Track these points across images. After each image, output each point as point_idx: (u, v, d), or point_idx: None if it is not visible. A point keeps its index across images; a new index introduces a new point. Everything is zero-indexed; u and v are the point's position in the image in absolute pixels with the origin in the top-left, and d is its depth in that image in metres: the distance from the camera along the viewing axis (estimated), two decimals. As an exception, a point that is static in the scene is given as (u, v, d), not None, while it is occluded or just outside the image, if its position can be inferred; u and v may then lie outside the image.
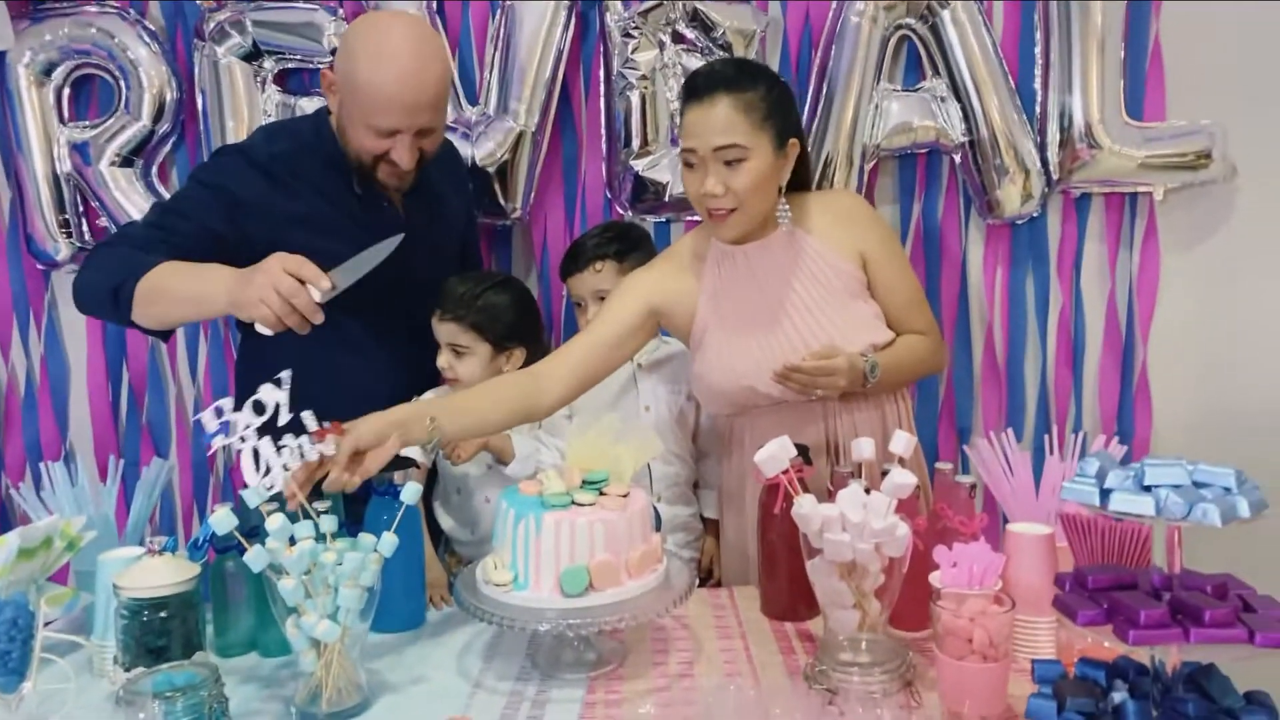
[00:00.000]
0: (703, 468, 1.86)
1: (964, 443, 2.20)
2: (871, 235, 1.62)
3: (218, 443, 1.16)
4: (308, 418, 1.23)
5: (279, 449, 1.19)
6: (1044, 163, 2.06)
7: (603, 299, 1.75)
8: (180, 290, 1.48)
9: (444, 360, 1.67)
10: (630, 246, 1.79)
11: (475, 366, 1.68)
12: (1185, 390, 2.18)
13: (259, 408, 1.19)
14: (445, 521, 1.74)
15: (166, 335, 1.70)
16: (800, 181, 1.62)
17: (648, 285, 1.64)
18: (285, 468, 1.18)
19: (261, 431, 1.18)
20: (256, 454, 1.17)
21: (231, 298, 1.40)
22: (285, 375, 1.21)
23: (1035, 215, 2.11)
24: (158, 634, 1.18)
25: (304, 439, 1.21)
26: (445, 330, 1.67)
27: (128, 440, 2.26)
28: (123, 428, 2.27)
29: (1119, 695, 0.86)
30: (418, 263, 1.62)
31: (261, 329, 1.37)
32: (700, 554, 1.85)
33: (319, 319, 1.37)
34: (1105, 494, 0.85)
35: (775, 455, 1.21)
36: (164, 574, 1.19)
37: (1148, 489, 0.83)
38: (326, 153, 1.65)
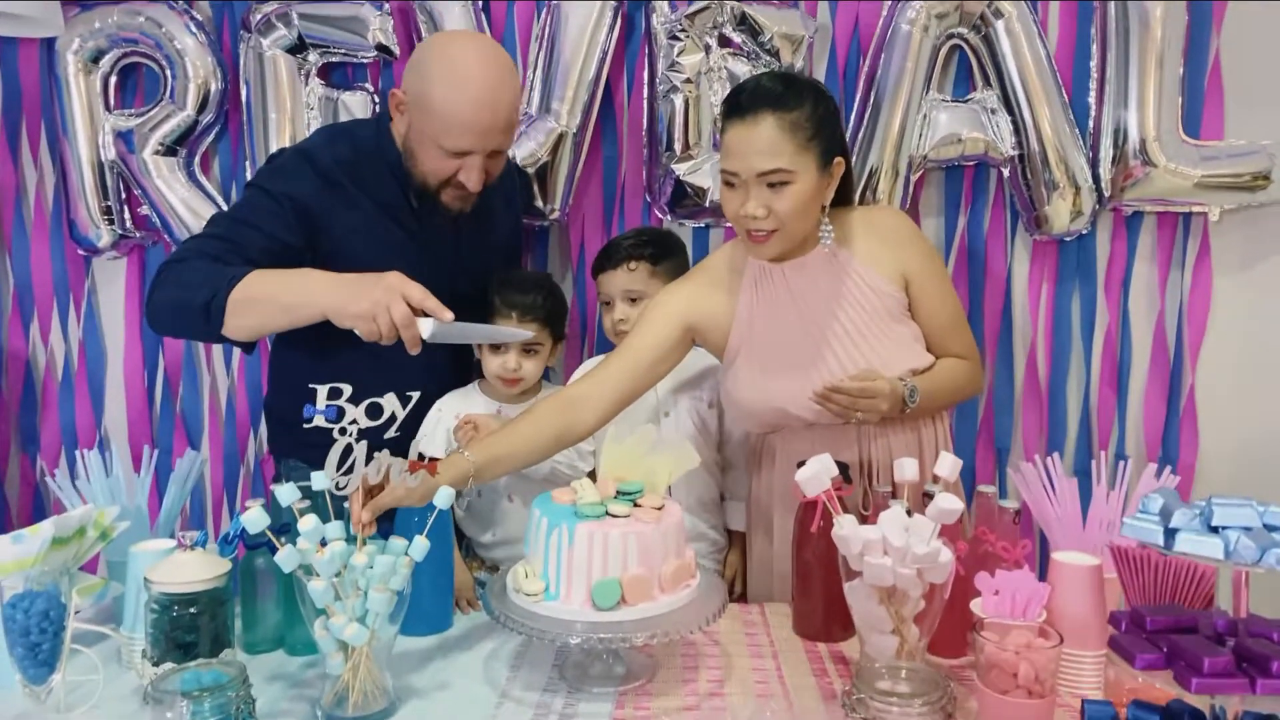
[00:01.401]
0: (729, 479, 1.83)
1: (1002, 463, 2.16)
2: (914, 255, 1.57)
3: (318, 420, 1.16)
4: (415, 446, 1.23)
5: (370, 458, 1.18)
6: (1095, 179, 2.01)
7: (633, 300, 1.73)
8: (277, 299, 1.47)
9: (513, 362, 1.66)
10: (665, 252, 1.77)
11: (539, 364, 1.71)
12: (1233, 418, 2.12)
13: (375, 412, 1.19)
14: (466, 523, 1.72)
15: (251, 346, 1.66)
16: (842, 197, 1.57)
17: (683, 303, 1.60)
18: (365, 477, 1.18)
19: (361, 434, 1.18)
20: (348, 450, 1.17)
21: (337, 305, 1.41)
22: (415, 395, 1.23)
23: (1084, 233, 2.06)
24: (187, 630, 1.17)
25: (398, 462, 1.20)
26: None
27: (161, 429, 2.27)
28: (157, 416, 2.28)
29: (1174, 742, 0.82)
30: (461, 280, 1.61)
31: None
32: (724, 566, 1.82)
33: (416, 352, 1.40)
34: (1170, 534, 0.81)
35: (817, 475, 1.18)
36: (195, 570, 1.18)
37: (1215, 530, 0.79)
38: (388, 162, 1.64)
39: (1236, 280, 2.09)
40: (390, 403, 1.20)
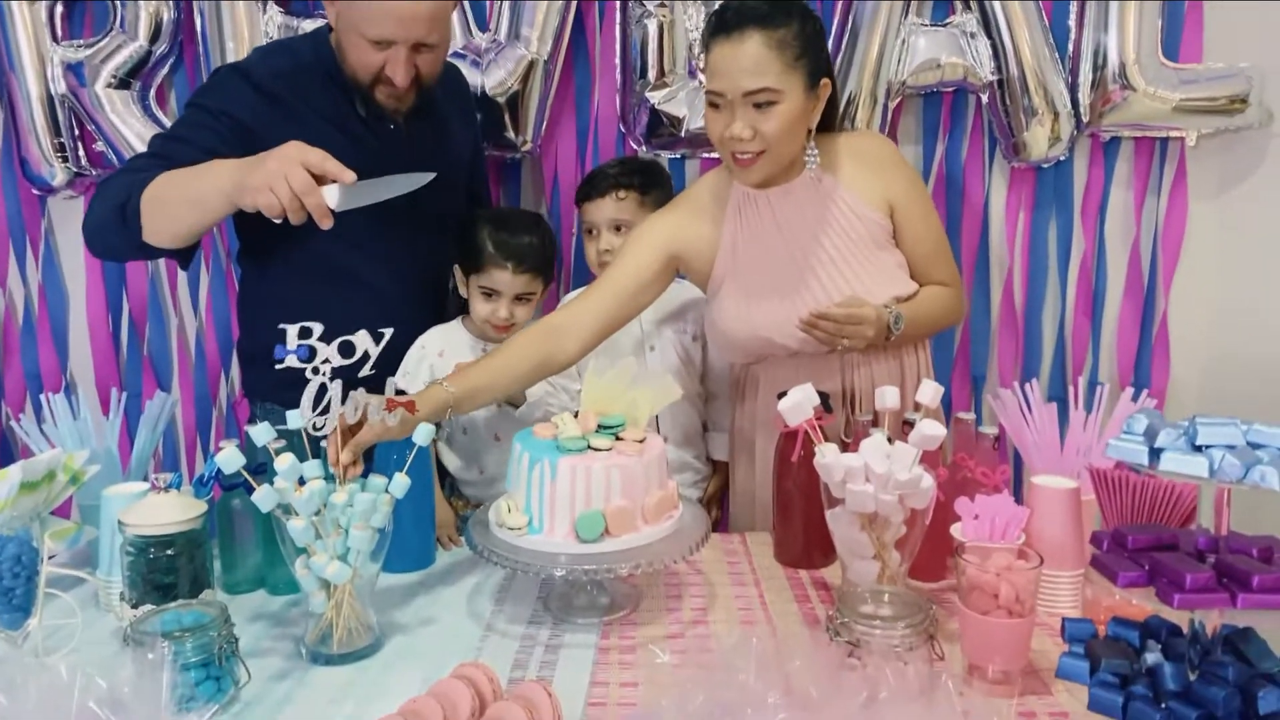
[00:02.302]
0: (711, 409, 1.83)
1: (978, 392, 2.17)
2: (900, 182, 1.55)
3: (289, 361, 1.13)
4: (391, 384, 1.21)
5: (345, 397, 1.16)
6: (1074, 104, 1.99)
7: (619, 229, 1.71)
8: (181, 192, 1.40)
9: (504, 311, 1.63)
10: (653, 181, 1.74)
11: (531, 310, 1.68)
12: (1204, 342, 2.14)
13: (347, 350, 1.16)
14: (451, 461, 1.71)
15: (186, 259, 1.60)
16: (826, 122, 1.54)
17: (667, 231, 1.57)
18: (342, 417, 1.16)
19: (335, 373, 1.15)
20: (322, 390, 1.14)
21: (235, 183, 1.33)
22: (388, 332, 1.20)
23: (1062, 159, 2.05)
24: (164, 571, 1.15)
25: (375, 399, 1.17)
26: (519, 283, 1.63)
27: (129, 372, 2.23)
28: (124, 359, 2.23)
29: (1153, 656, 0.84)
30: (423, 193, 1.57)
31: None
32: (703, 495, 1.84)
33: (328, 224, 1.31)
34: (1155, 453, 0.82)
35: (800, 404, 1.18)
36: (170, 511, 1.16)
37: (1199, 449, 0.79)
38: (327, 72, 1.58)
39: (1211, 206, 2.09)
40: (363, 340, 1.18)
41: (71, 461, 1.29)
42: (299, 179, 1.27)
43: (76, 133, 2.08)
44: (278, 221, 1.32)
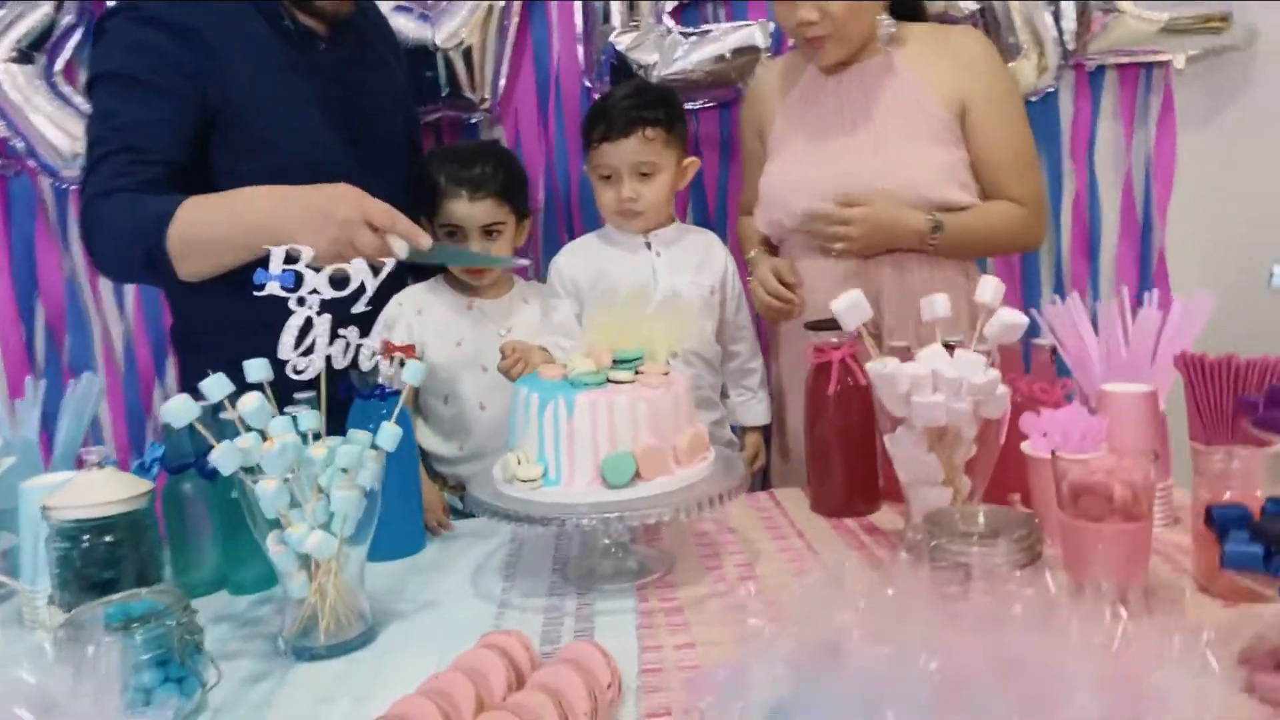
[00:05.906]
0: (730, 369, 1.61)
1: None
2: (981, 81, 1.47)
3: (271, 288, 0.92)
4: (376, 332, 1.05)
5: (335, 337, 0.95)
6: (1059, 32, 1.91)
7: (645, 174, 1.45)
8: (227, 238, 1.25)
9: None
10: (677, 114, 1.49)
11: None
12: (1202, 276, 2.06)
13: (339, 283, 0.96)
14: (426, 437, 1.49)
15: None
16: (913, 11, 1.53)
17: (753, 116, 1.64)
18: (329, 359, 0.94)
19: (323, 306, 0.95)
20: (308, 324, 0.93)
21: (293, 236, 1.17)
22: (390, 262, 1.02)
23: (1050, 90, 1.96)
24: (103, 564, 0.94)
25: (367, 341, 0.99)
26: (480, 211, 1.44)
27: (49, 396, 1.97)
28: (40, 376, 1.97)
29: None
30: (365, 131, 1.44)
31: None
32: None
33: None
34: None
35: (855, 305, 1.02)
36: (106, 490, 0.95)
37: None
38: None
39: (1200, 134, 2.02)
40: (359, 269, 0.97)
41: (-23, 452, 1.07)
42: (371, 247, 1.17)
43: (-25, 117, 1.85)
44: None
